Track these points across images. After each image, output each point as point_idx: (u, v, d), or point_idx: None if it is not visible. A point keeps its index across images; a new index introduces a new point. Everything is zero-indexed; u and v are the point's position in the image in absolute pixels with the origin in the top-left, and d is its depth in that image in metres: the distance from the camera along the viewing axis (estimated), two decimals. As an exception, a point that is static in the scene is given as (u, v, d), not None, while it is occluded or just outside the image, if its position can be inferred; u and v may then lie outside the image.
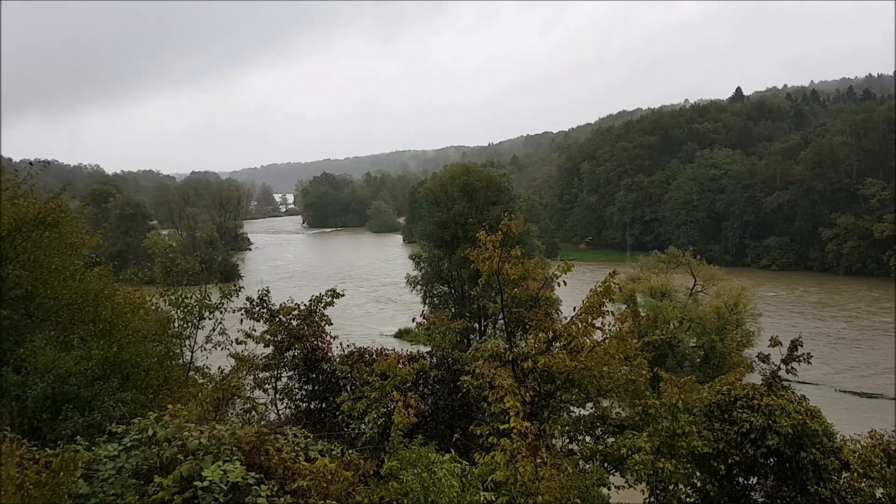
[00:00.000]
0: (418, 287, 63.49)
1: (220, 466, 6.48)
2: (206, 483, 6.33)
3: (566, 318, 14.89)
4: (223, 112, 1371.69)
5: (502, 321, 16.24)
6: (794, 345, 14.69)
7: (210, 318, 19.02)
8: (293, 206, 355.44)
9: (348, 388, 15.78)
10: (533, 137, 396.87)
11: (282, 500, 6.72)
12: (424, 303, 61.99)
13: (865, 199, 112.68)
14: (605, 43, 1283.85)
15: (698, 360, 45.55)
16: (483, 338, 45.59)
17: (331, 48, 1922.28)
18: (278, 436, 7.81)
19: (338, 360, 16.22)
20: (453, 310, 57.63)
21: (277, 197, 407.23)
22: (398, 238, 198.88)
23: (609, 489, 14.28)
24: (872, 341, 70.87)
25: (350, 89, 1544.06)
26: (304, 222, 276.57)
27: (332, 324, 17.69)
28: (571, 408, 15.49)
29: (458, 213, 58.92)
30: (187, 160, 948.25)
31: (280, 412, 16.37)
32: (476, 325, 57.88)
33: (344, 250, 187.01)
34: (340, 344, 17.09)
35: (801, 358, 14.53)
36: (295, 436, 8.04)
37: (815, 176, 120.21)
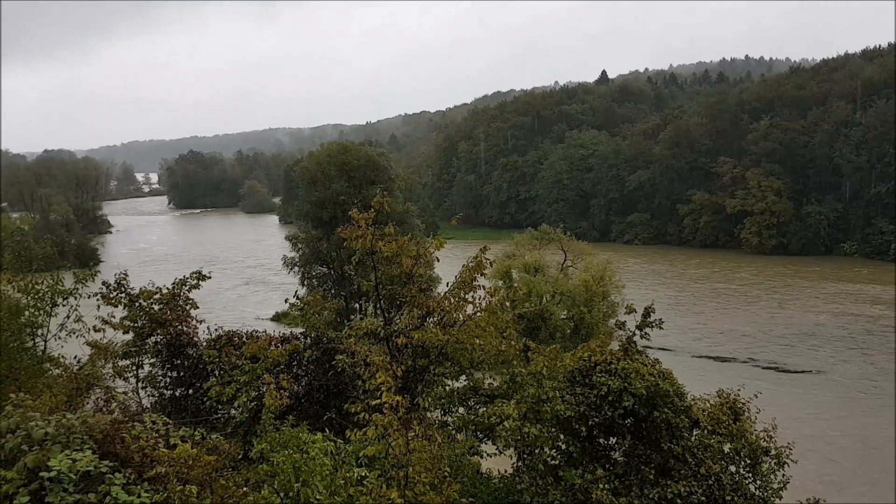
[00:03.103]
0: (296, 269, 62.30)
1: (68, 455, 6.15)
2: (53, 473, 6.00)
3: (442, 295, 15.16)
4: (80, 86, 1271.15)
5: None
6: (647, 312, 15.74)
7: (64, 305, 17.88)
8: (157, 185, 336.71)
9: (216, 373, 15.34)
10: (411, 116, 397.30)
11: (139, 487, 6.48)
12: (303, 284, 60.91)
13: (719, 176, 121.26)
14: (484, 26, 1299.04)
15: (569, 331, 47.84)
16: (360, 316, 45.54)
17: (201, 20, 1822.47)
18: (136, 423, 7.49)
19: (205, 344, 15.71)
20: (333, 290, 57.11)
21: (140, 176, 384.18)
22: (274, 219, 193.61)
23: (481, 457, 14.81)
24: (725, 309, 77.20)
25: (222, 63, 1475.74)
26: (170, 203, 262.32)
27: (198, 308, 17.09)
28: (445, 381, 15.81)
29: (336, 193, 58.15)
30: (40, 138, 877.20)
31: (142, 401, 15.67)
32: (357, 305, 57.68)
33: (214, 232, 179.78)
34: (208, 328, 16.57)
35: (654, 324, 15.61)
36: (154, 423, 7.74)
37: (673, 155, 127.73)
